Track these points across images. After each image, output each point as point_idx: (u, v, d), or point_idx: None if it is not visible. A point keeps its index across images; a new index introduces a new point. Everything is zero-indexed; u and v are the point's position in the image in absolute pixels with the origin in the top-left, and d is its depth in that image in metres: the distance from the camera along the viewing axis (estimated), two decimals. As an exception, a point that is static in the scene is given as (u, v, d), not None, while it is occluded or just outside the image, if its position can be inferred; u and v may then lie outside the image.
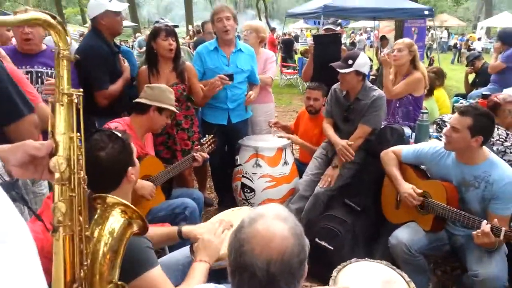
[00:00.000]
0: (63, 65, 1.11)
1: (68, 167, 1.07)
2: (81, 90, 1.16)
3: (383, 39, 11.81)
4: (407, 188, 2.63)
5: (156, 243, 1.94)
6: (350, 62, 3.13)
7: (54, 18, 1.07)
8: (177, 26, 4.06)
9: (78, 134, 1.12)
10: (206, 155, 3.07)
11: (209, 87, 3.37)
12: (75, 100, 1.13)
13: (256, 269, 1.08)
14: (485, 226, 2.16)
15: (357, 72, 3.15)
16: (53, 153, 1.08)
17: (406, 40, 3.94)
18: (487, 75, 5.87)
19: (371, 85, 3.30)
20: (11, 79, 2.00)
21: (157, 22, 4.41)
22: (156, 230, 2.00)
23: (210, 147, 3.17)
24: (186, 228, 2.00)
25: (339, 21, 4.42)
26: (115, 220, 1.26)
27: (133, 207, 1.31)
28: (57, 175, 1.06)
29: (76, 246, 1.08)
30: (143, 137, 2.86)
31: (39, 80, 2.88)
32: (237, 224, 1.23)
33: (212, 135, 3.22)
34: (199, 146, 3.07)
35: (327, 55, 3.65)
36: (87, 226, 1.12)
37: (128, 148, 1.71)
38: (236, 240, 1.15)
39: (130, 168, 1.70)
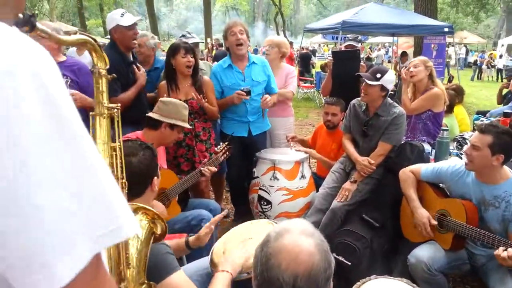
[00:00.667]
0: (102, 82, 1.24)
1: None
2: (119, 104, 1.28)
3: (404, 55, 11.78)
4: (422, 216, 2.61)
5: None
6: (378, 75, 3.15)
7: (95, 41, 1.20)
8: (201, 42, 4.16)
9: (119, 143, 1.24)
10: (213, 169, 3.07)
11: (229, 102, 3.50)
12: (116, 113, 1.26)
13: (283, 284, 1.09)
14: (509, 250, 2.11)
15: (382, 88, 3.16)
16: None
17: (421, 57, 3.93)
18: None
19: (392, 101, 3.30)
20: None
21: (183, 36, 4.49)
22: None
23: (226, 155, 3.21)
24: (192, 238, 2.08)
25: (360, 37, 4.44)
26: (140, 225, 1.32)
27: (154, 210, 1.37)
28: None
29: (118, 249, 1.15)
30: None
31: None
32: (256, 236, 1.25)
33: (226, 143, 3.25)
34: (206, 160, 3.10)
35: (346, 71, 3.67)
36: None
37: (156, 158, 1.77)
38: (262, 254, 1.16)
39: (155, 178, 1.75)
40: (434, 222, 2.57)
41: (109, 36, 3.50)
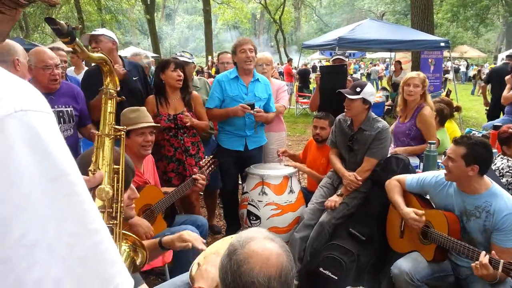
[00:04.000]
0: (112, 103, 1.24)
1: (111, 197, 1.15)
2: (126, 127, 1.29)
3: (398, 63, 11.88)
4: (408, 213, 2.63)
5: None
6: (358, 89, 3.20)
7: (112, 62, 1.23)
8: (192, 63, 4.21)
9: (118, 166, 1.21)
10: (204, 177, 3.11)
11: (231, 113, 3.57)
12: (122, 136, 1.26)
13: (259, 286, 1.15)
14: (483, 258, 2.13)
15: (364, 100, 3.21)
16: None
17: (421, 75, 3.93)
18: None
19: (375, 116, 3.34)
20: None
21: (180, 55, 4.59)
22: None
23: (210, 168, 3.23)
24: (166, 238, 2.07)
25: (347, 53, 4.51)
26: (121, 250, 1.33)
27: (134, 236, 1.37)
28: (100, 202, 1.13)
29: None
30: (139, 164, 2.88)
31: (61, 119, 2.96)
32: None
33: (211, 156, 3.29)
34: (197, 169, 3.13)
35: (333, 85, 3.71)
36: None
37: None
38: (232, 262, 1.20)
39: None
40: (421, 212, 2.57)
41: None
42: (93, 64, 3.28)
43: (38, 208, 0.50)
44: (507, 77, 5.82)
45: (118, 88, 1.26)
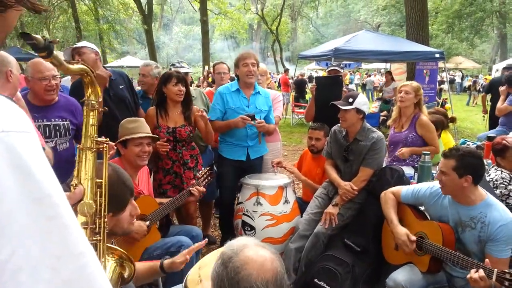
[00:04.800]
0: (94, 115, 1.21)
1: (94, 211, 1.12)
2: (108, 139, 1.25)
3: (389, 74, 11.99)
4: (401, 234, 2.63)
5: (140, 278, 1.96)
6: (350, 100, 3.23)
7: (93, 73, 1.18)
8: (190, 72, 4.23)
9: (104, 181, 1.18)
10: (202, 189, 3.12)
11: (232, 125, 3.60)
12: (105, 149, 1.21)
13: None
14: (480, 271, 2.12)
15: (358, 110, 3.23)
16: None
17: (414, 83, 4.00)
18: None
19: (370, 126, 3.36)
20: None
21: (173, 65, 4.62)
22: (142, 265, 2.03)
23: (206, 180, 3.23)
24: (167, 261, 2.03)
25: (342, 64, 4.54)
26: (107, 265, 1.31)
27: (120, 250, 1.35)
28: (82, 219, 1.09)
29: None
30: (134, 174, 2.88)
31: (58, 133, 2.95)
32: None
33: (208, 168, 3.29)
34: (193, 182, 3.13)
35: (328, 96, 3.73)
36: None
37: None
38: (228, 270, 1.21)
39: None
40: (413, 238, 2.57)
41: (110, 64, 3.61)
42: None
43: (22, 231, 0.49)
44: (501, 89, 5.87)
45: (100, 99, 1.23)
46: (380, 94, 12.35)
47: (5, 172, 0.49)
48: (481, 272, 2.10)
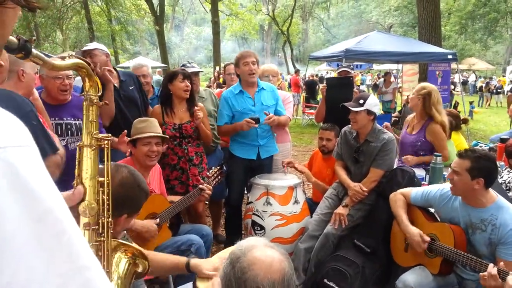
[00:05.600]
0: (94, 110, 1.15)
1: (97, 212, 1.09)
2: (110, 134, 1.20)
3: (386, 74, 11.92)
4: (415, 234, 2.61)
5: (163, 271, 1.96)
6: (361, 101, 3.22)
7: (89, 65, 1.12)
8: (201, 71, 4.25)
9: (107, 179, 1.14)
10: (211, 187, 3.13)
11: (239, 128, 3.61)
12: (106, 145, 1.16)
13: None
14: (492, 269, 2.10)
15: (369, 112, 3.22)
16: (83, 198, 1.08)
17: (420, 84, 3.98)
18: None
19: (381, 127, 3.35)
20: (37, 118, 2.17)
21: (184, 65, 4.65)
22: (167, 258, 2.03)
23: (217, 179, 3.25)
24: (195, 262, 1.98)
25: (352, 65, 4.53)
26: (120, 262, 1.31)
27: (134, 246, 1.36)
28: (85, 220, 1.07)
29: None
30: (146, 173, 2.89)
31: (69, 132, 2.97)
32: None
33: (218, 167, 3.30)
34: (203, 181, 3.14)
35: (339, 97, 3.73)
36: (107, 270, 1.14)
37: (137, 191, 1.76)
38: (236, 270, 1.22)
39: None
40: (427, 239, 2.56)
41: (122, 65, 3.63)
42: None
43: (25, 252, 0.48)
44: None
45: (100, 93, 1.17)
46: (381, 95, 12.29)
47: (4, 192, 0.47)
48: (494, 271, 2.07)
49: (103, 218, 1.10)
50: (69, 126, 2.99)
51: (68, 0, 21.73)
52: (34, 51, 0.85)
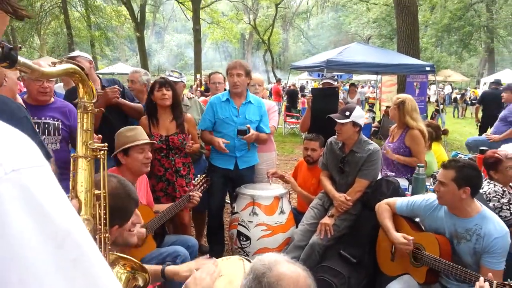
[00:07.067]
0: (88, 118, 1.08)
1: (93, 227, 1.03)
2: (106, 144, 1.13)
3: (352, 86, 12.15)
4: (397, 238, 2.64)
5: None
6: (347, 113, 3.25)
7: (83, 70, 1.04)
8: (181, 81, 4.22)
9: (104, 192, 1.08)
10: (200, 194, 3.13)
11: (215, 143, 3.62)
12: (102, 155, 1.09)
13: None
14: (483, 283, 2.11)
15: (354, 123, 3.26)
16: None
17: (397, 95, 4.10)
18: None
19: (366, 138, 3.39)
20: (31, 123, 2.13)
21: (169, 75, 4.62)
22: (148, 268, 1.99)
23: (203, 187, 3.23)
24: (170, 268, 1.97)
25: (335, 76, 4.59)
26: (120, 278, 1.28)
27: (133, 259, 1.33)
28: None
29: None
30: (133, 184, 2.84)
31: (46, 131, 2.99)
32: (226, 273, 1.31)
33: (204, 175, 3.29)
34: (192, 188, 3.13)
35: (324, 107, 3.76)
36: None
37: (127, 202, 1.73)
38: (262, 285, 1.24)
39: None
40: (410, 237, 2.59)
41: (101, 71, 3.60)
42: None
43: (47, 280, 0.46)
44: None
45: (95, 100, 1.09)
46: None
47: (20, 218, 0.46)
48: (486, 285, 2.09)
49: (99, 234, 1.06)
50: (46, 125, 3.00)
51: (47, 5, 21.39)
52: (20, 59, 0.79)
